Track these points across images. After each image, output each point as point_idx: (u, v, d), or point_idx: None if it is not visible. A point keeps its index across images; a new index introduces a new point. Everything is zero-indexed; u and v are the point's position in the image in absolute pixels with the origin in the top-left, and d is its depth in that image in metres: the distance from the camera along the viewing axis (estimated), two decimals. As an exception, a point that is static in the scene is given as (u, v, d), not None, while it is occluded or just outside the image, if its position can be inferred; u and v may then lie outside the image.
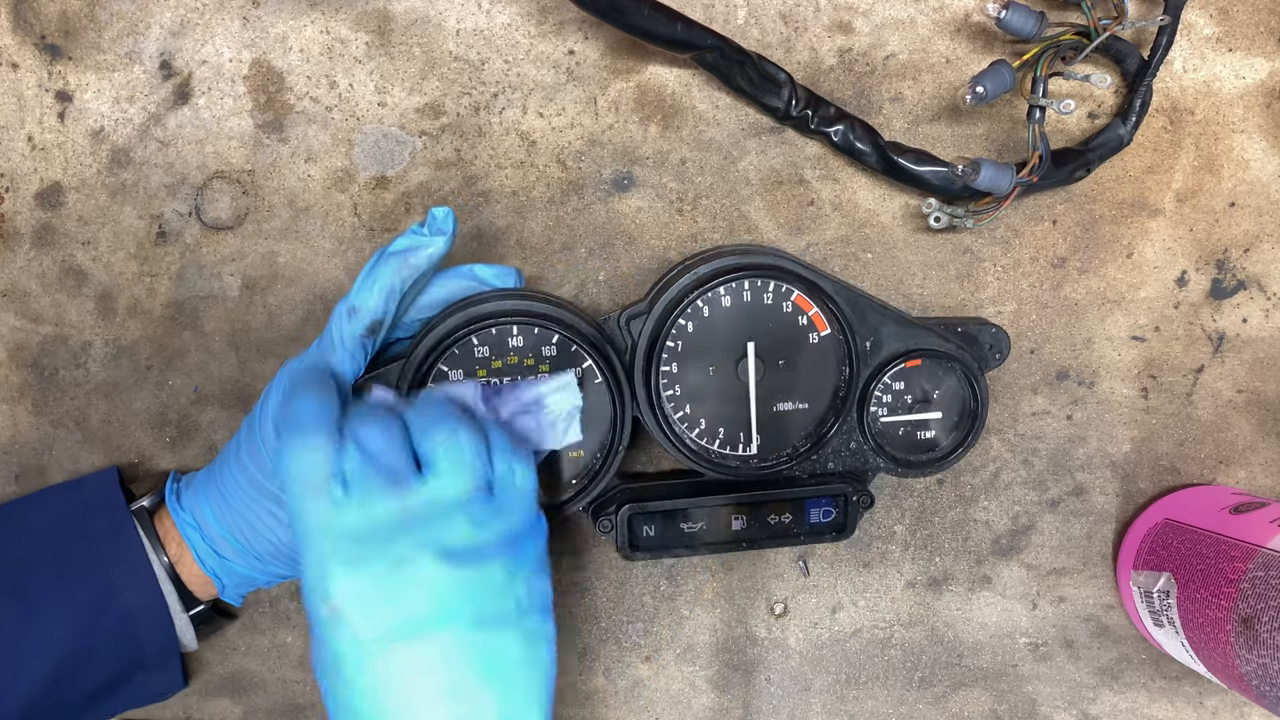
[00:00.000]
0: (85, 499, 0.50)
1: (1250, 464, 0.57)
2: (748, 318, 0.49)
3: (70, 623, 0.46)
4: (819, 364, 0.50)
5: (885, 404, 0.51)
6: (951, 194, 0.52)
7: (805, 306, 0.49)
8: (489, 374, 0.47)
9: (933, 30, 0.53)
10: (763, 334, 0.49)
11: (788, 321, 0.49)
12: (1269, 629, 0.45)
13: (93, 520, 0.48)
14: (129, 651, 0.48)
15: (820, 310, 0.49)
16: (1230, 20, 0.53)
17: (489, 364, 0.47)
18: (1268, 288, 0.55)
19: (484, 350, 0.47)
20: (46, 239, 0.54)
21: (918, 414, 0.52)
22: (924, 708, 0.59)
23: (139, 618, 0.47)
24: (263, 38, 0.53)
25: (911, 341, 0.50)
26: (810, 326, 0.49)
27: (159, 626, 0.48)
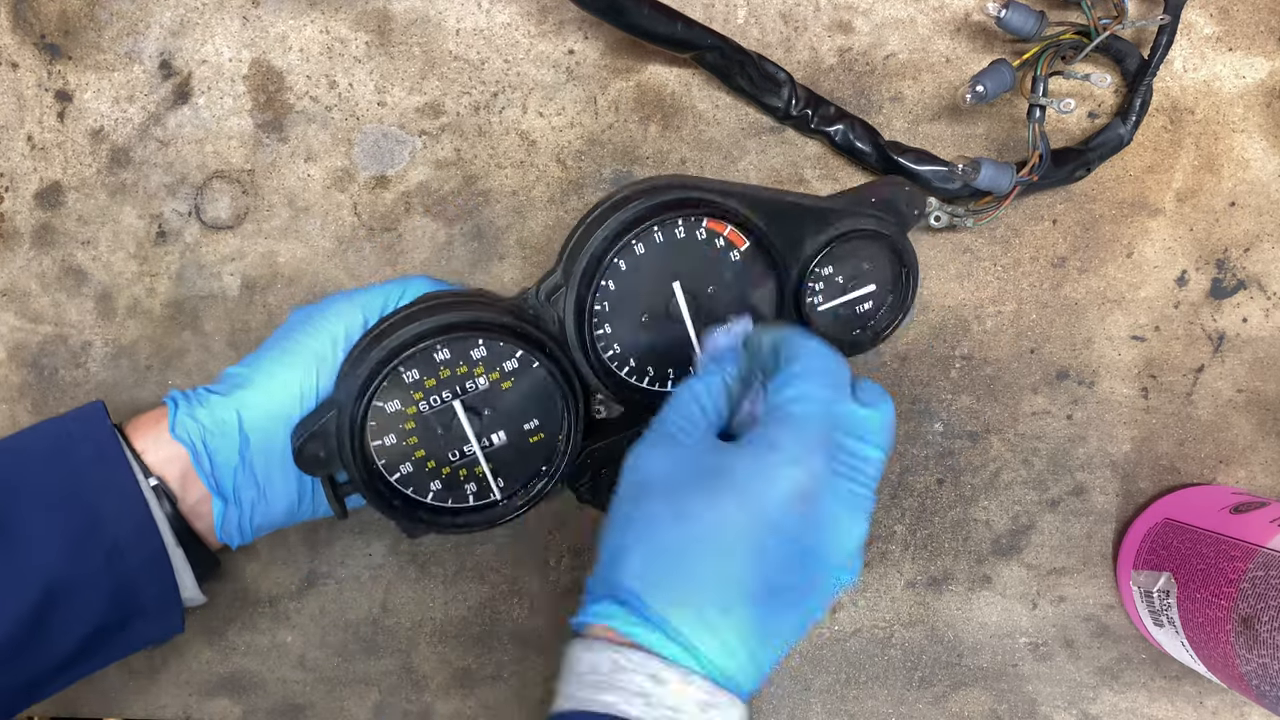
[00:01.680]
0: (69, 430, 0.46)
1: (1250, 463, 0.57)
2: (666, 258, 0.47)
3: (53, 552, 0.43)
4: (747, 279, 0.48)
5: (820, 292, 0.50)
6: (951, 193, 0.52)
7: (718, 228, 0.47)
8: (424, 394, 0.46)
9: (933, 30, 0.53)
10: (685, 269, 0.47)
11: (705, 248, 0.47)
12: (1269, 629, 0.45)
13: (77, 448, 0.45)
14: (121, 589, 0.44)
15: (733, 227, 0.47)
16: (1230, 20, 0.53)
17: (423, 385, 0.45)
18: (1268, 287, 0.55)
19: (413, 375, 0.45)
20: (46, 239, 0.54)
21: (853, 292, 0.50)
22: (924, 707, 0.59)
23: (129, 551, 0.44)
24: (262, 37, 0.53)
25: (831, 229, 0.49)
26: (728, 246, 0.48)
27: (153, 561, 0.45)
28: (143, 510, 0.44)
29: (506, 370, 0.46)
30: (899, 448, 0.56)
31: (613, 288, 0.47)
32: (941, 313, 0.56)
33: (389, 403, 0.45)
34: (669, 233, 0.47)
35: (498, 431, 0.47)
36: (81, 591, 0.43)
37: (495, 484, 0.48)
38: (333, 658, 0.57)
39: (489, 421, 0.47)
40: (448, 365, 0.45)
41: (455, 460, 0.47)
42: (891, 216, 0.50)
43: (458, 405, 0.46)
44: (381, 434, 0.45)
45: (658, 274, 0.47)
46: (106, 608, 0.44)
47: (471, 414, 0.46)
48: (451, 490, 0.48)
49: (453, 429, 0.46)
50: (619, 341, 0.48)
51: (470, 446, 0.47)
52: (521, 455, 0.48)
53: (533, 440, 0.48)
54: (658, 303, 0.48)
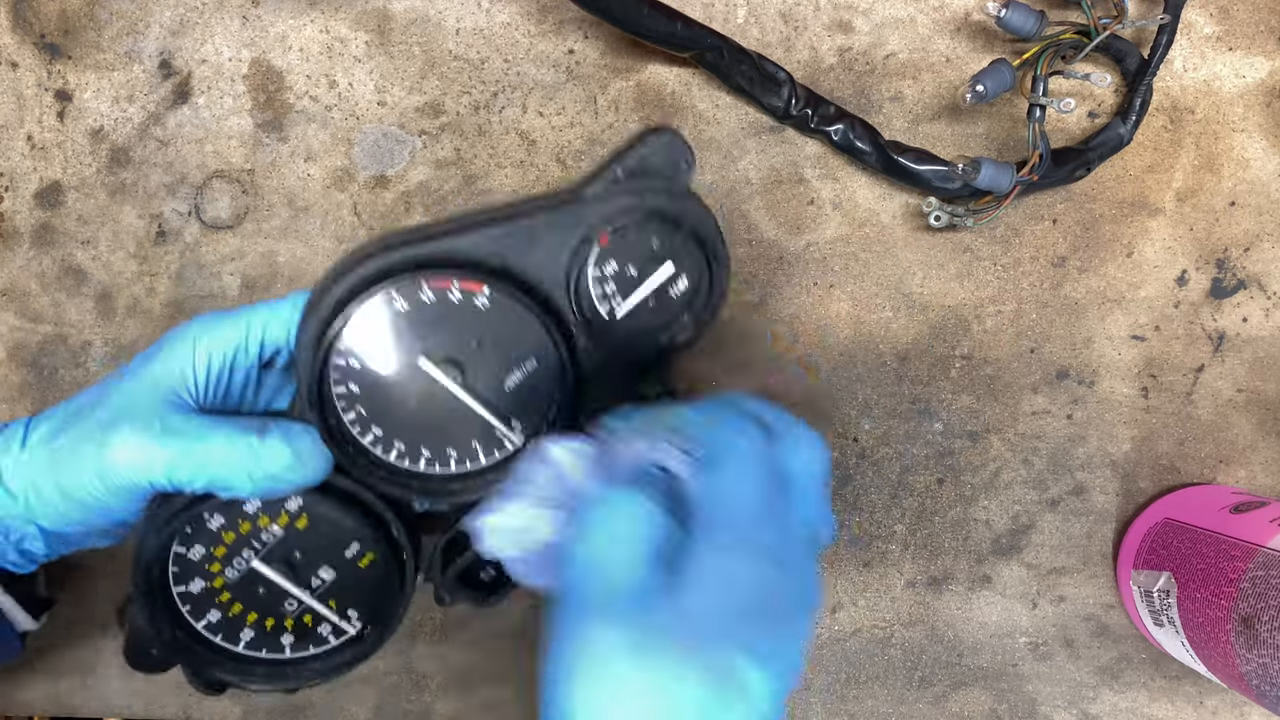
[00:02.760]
0: None
1: (1250, 463, 0.57)
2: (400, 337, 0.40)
3: None
4: (509, 320, 0.41)
5: (611, 296, 0.42)
6: (951, 193, 0.52)
7: (443, 285, 0.40)
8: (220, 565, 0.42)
9: (933, 29, 0.53)
10: (428, 337, 0.40)
11: (442, 310, 0.40)
12: (1269, 628, 0.45)
13: None
14: None
15: (458, 276, 0.40)
16: (1230, 19, 0.53)
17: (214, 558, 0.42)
18: (1268, 287, 0.55)
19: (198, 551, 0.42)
20: (46, 238, 0.54)
21: (651, 280, 0.42)
22: (924, 707, 0.59)
23: None
24: (262, 37, 0.53)
25: (577, 230, 0.41)
26: (467, 296, 0.40)
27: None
28: None
29: (291, 510, 0.42)
30: (899, 447, 0.56)
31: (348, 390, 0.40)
32: (941, 312, 0.56)
33: (190, 585, 0.42)
34: (389, 307, 0.40)
35: (319, 570, 0.43)
36: None
37: (348, 619, 0.43)
38: (332, 657, 0.57)
39: (304, 565, 0.42)
40: (227, 528, 0.41)
41: (293, 609, 0.43)
42: (652, 182, 0.41)
43: (258, 565, 0.42)
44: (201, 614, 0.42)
45: (399, 352, 0.40)
46: None
47: (280, 566, 0.42)
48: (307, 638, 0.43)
49: (270, 585, 0.42)
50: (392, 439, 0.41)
51: (295, 598, 0.42)
52: (360, 582, 0.43)
53: (364, 564, 0.43)
54: (416, 382, 0.41)
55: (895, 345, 0.56)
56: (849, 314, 0.55)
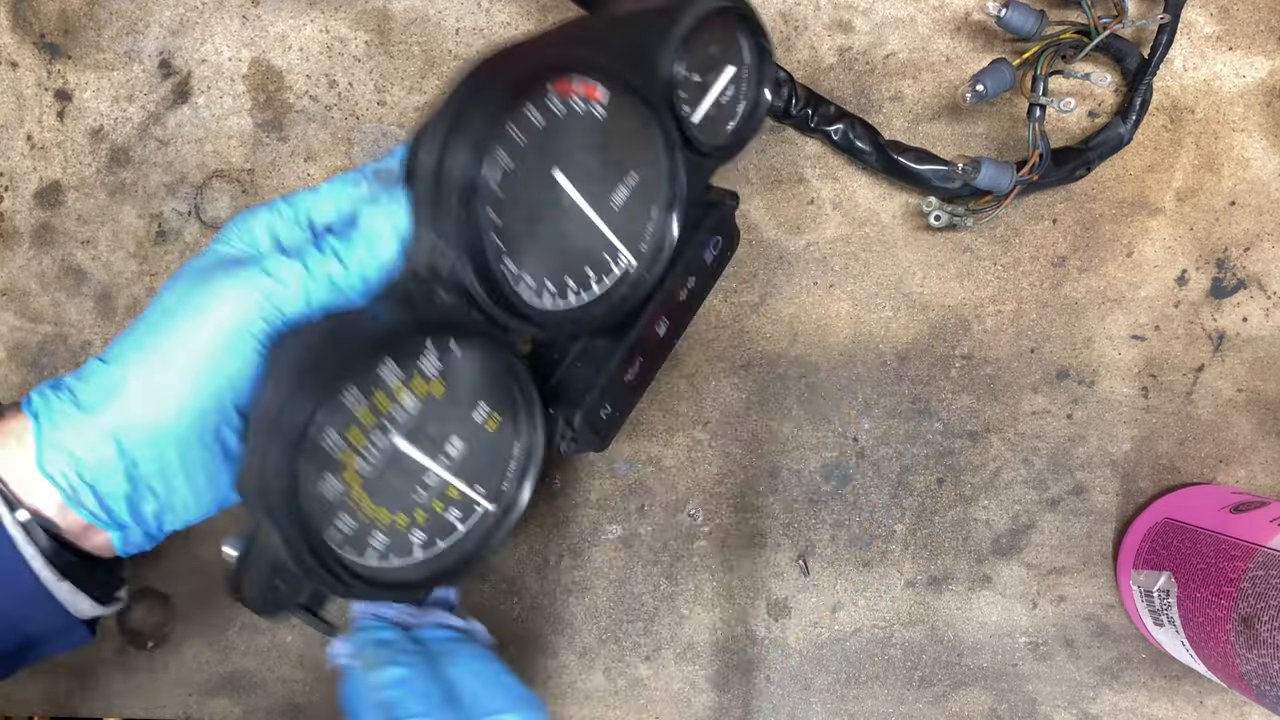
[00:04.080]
0: None
1: (1250, 463, 0.57)
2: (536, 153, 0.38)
3: None
4: (621, 129, 0.40)
5: (688, 102, 0.43)
6: (951, 193, 0.52)
7: (567, 89, 0.38)
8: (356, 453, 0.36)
9: (933, 29, 0.53)
10: (561, 153, 0.38)
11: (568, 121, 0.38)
12: (1269, 628, 0.45)
13: None
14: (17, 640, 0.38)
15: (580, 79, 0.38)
16: (1230, 19, 0.53)
17: (348, 444, 0.36)
18: (1268, 286, 0.55)
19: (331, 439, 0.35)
20: (46, 238, 0.54)
21: (716, 85, 0.43)
22: (924, 707, 0.59)
23: (16, 614, 0.37)
24: (262, 36, 0.53)
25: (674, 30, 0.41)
26: (587, 103, 0.39)
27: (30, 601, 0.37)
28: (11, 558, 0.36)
29: (428, 373, 0.38)
30: (899, 447, 0.56)
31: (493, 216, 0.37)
32: (941, 312, 0.56)
33: (322, 485, 0.35)
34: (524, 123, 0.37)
35: (449, 441, 0.39)
36: None
37: (476, 494, 0.41)
38: (332, 657, 0.57)
39: (436, 438, 0.39)
40: (363, 405, 0.36)
41: (422, 498, 0.39)
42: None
43: (399, 442, 0.37)
44: (329, 522, 0.36)
45: (535, 175, 0.38)
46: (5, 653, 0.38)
47: (419, 443, 0.38)
48: (436, 531, 0.40)
49: (406, 469, 0.38)
50: (528, 270, 0.39)
51: (431, 474, 0.39)
52: (489, 450, 0.41)
53: (490, 428, 0.40)
54: (547, 204, 0.39)
55: (895, 345, 0.56)
56: (849, 314, 0.55)
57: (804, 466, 0.56)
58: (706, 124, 0.43)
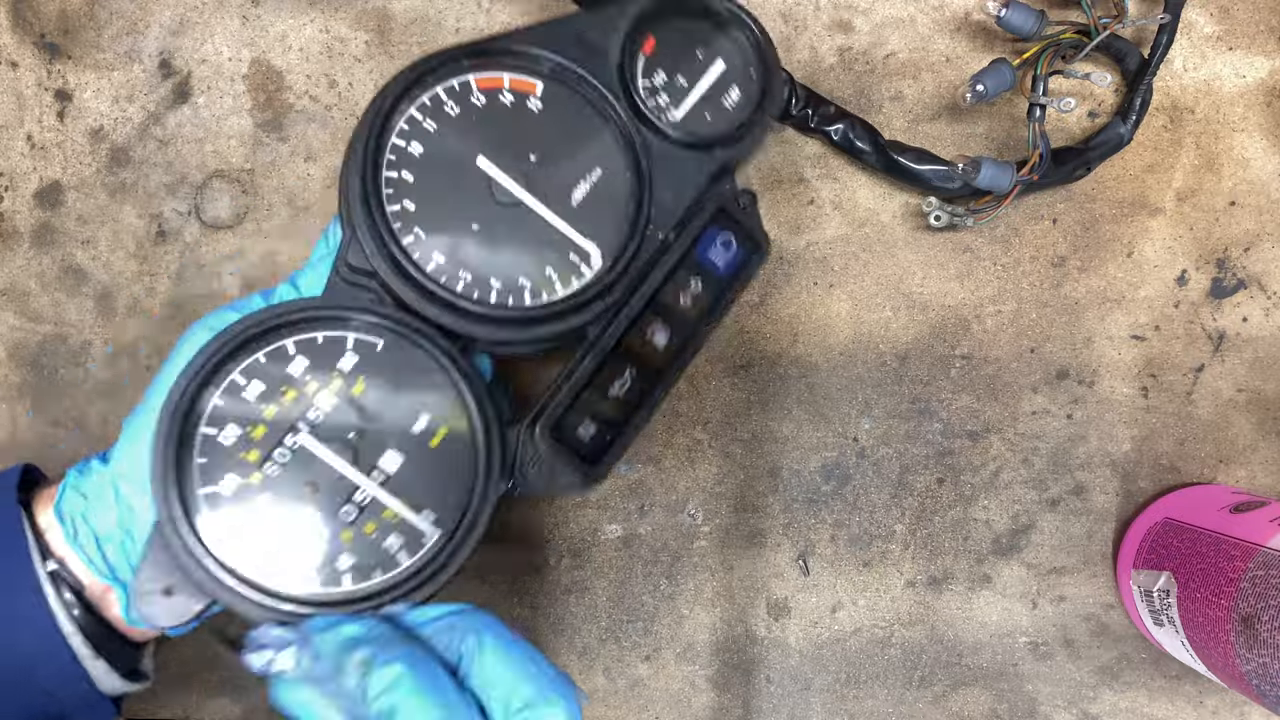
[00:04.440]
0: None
1: (1250, 463, 0.57)
2: (455, 143, 0.37)
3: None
4: (568, 122, 0.38)
5: (664, 105, 0.41)
6: (951, 193, 0.52)
7: (494, 84, 0.37)
8: (260, 453, 0.34)
9: (933, 29, 0.53)
10: (487, 143, 0.37)
11: (495, 115, 0.37)
12: (1269, 628, 0.45)
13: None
14: (35, 703, 0.37)
15: (510, 75, 0.37)
16: (1231, 19, 0.53)
17: (251, 441, 0.34)
18: (1268, 286, 0.55)
19: (230, 435, 0.34)
20: (46, 238, 0.54)
21: (702, 83, 0.41)
22: (924, 707, 0.59)
23: (39, 667, 0.37)
24: (262, 36, 0.53)
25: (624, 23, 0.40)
26: (519, 97, 0.37)
27: (65, 674, 0.37)
28: (45, 616, 0.36)
29: (346, 369, 0.34)
30: (899, 447, 0.56)
31: (413, 209, 0.36)
32: (941, 312, 0.56)
33: (219, 486, 0.33)
34: (438, 113, 0.36)
35: (383, 454, 0.34)
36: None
37: (420, 521, 0.35)
38: (332, 657, 0.57)
39: (366, 447, 0.34)
40: (267, 399, 0.33)
41: (352, 518, 0.34)
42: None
43: (307, 441, 0.33)
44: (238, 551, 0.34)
45: (459, 166, 0.36)
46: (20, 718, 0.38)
47: (335, 446, 0.34)
48: (371, 560, 0.34)
49: (323, 479, 0.33)
50: (466, 265, 0.36)
51: (361, 490, 0.34)
52: (435, 470, 0.35)
53: (435, 443, 0.35)
54: (478, 196, 0.36)
55: (895, 345, 0.56)
56: (849, 314, 0.55)
57: (804, 466, 0.56)
58: (695, 118, 0.41)
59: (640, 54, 0.40)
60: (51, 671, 0.37)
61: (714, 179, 0.41)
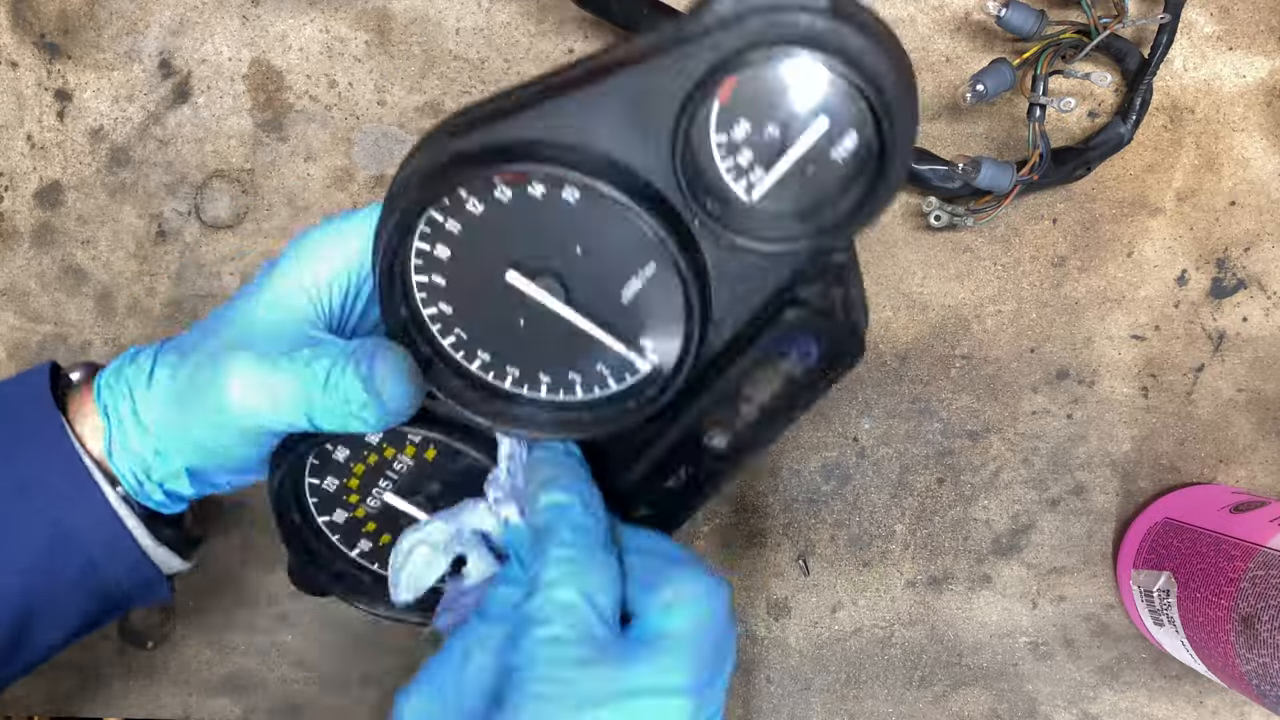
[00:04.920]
0: (19, 426, 0.39)
1: (1250, 463, 0.57)
2: (481, 247, 0.33)
3: (23, 576, 0.38)
4: (610, 217, 0.31)
5: (745, 167, 0.31)
6: (952, 192, 0.52)
7: (520, 179, 0.31)
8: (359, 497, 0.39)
9: (932, 29, 0.53)
10: (516, 247, 0.32)
11: (523, 206, 0.32)
12: (1269, 628, 0.45)
13: (23, 446, 0.38)
14: (99, 596, 0.40)
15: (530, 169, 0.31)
16: (1231, 19, 0.53)
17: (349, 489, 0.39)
18: (1268, 286, 0.55)
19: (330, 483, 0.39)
20: (46, 238, 0.54)
21: (800, 142, 0.30)
22: (924, 707, 0.59)
23: (103, 564, 0.39)
24: (262, 36, 0.53)
25: (683, 83, 0.29)
26: (552, 189, 0.31)
27: (129, 565, 0.40)
28: (111, 520, 0.38)
29: (416, 441, 0.38)
30: (899, 447, 0.56)
31: (450, 311, 0.35)
32: (941, 312, 0.55)
33: (334, 516, 0.40)
34: (460, 212, 0.32)
35: (458, 499, 0.39)
36: (58, 605, 0.40)
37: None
38: (332, 657, 0.57)
39: (441, 495, 0.39)
40: (354, 460, 0.38)
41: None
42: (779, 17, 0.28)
43: (391, 498, 0.39)
44: (352, 544, 0.40)
45: (489, 273, 0.33)
46: (86, 608, 0.41)
47: (415, 498, 0.39)
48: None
49: (409, 517, 0.39)
50: (510, 363, 0.36)
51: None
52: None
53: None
54: (515, 302, 0.34)
55: (895, 345, 0.56)
56: (849, 314, 0.55)
57: (804, 466, 0.56)
58: (780, 194, 0.32)
59: (714, 104, 0.30)
60: (119, 563, 0.39)
61: (803, 270, 0.34)
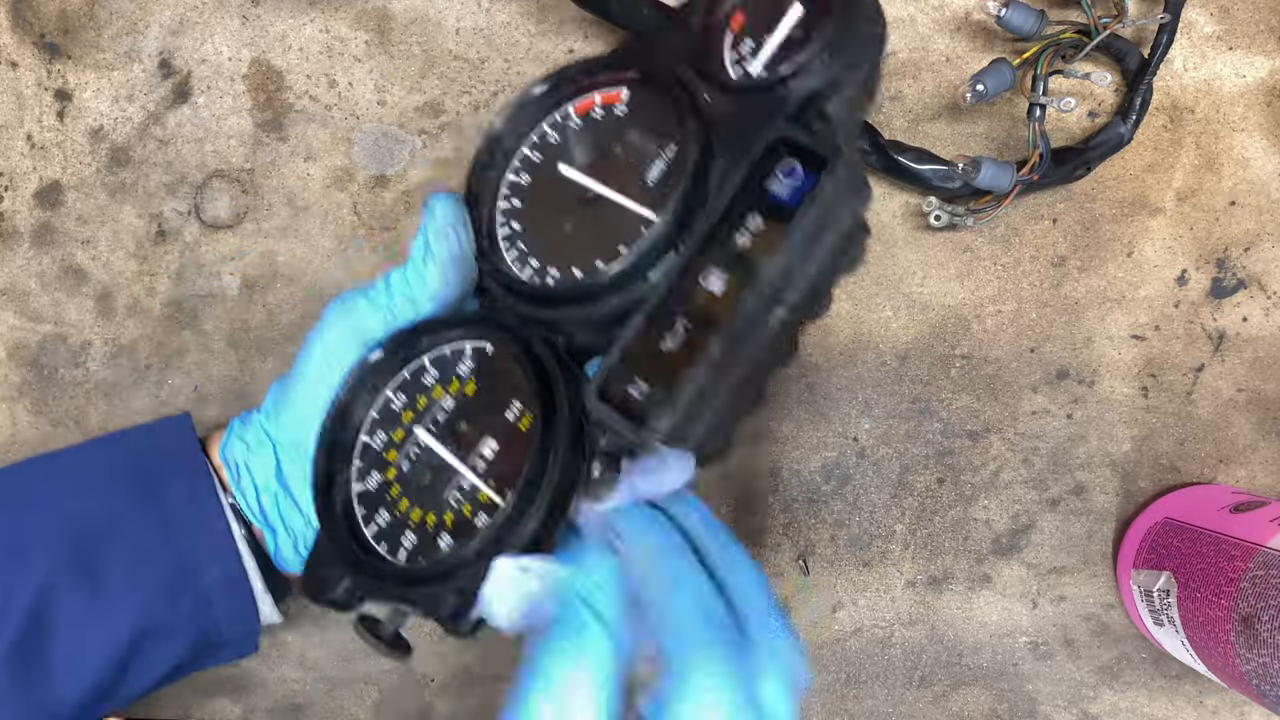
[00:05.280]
0: (161, 462, 0.42)
1: (1250, 463, 0.57)
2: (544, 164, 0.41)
3: (143, 602, 0.40)
4: (648, 116, 0.40)
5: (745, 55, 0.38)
6: (951, 192, 0.52)
7: (586, 107, 0.41)
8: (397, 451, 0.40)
9: (932, 29, 0.53)
10: (574, 153, 0.41)
11: (589, 126, 0.41)
12: (1269, 628, 0.45)
13: (169, 485, 0.41)
14: (204, 634, 0.42)
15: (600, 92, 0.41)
16: (1231, 18, 0.53)
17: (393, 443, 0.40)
18: (1268, 286, 0.55)
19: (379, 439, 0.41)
20: (46, 238, 0.54)
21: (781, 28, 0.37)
22: (924, 707, 0.59)
23: (217, 600, 0.41)
24: (262, 36, 0.53)
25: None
26: (608, 108, 0.41)
27: (239, 607, 0.42)
28: (232, 557, 0.41)
29: (463, 373, 0.40)
30: (899, 447, 0.56)
31: (515, 225, 0.41)
32: (941, 312, 0.55)
33: (368, 482, 0.40)
34: (545, 147, 0.41)
35: (484, 442, 0.39)
36: (167, 638, 0.41)
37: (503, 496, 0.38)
38: (333, 657, 0.57)
39: (469, 436, 0.39)
40: (407, 407, 0.40)
41: (455, 500, 0.39)
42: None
43: (424, 435, 0.40)
44: (371, 518, 0.40)
45: (552, 181, 0.41)
46: (189, 648, 0.42)
47: (448, 440, 0.39)
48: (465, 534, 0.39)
49: (436, 472, 0.39)
50: (553, 264, 0.40)
51: (462, 476, 0.39)
52: (517, 452, 0.38)
53: (524, 425, 0.38)
54: (570, 201, 0.40)
55: (895, 345, 0.56)
56: (849, 314, 0.55)
57: (804, 466, 0.56)
58: (774, 64, 0.37)
59: (728, 32, 0.39)
60: (228, 602, 0.42)
61: (795, 118, 0.36)
